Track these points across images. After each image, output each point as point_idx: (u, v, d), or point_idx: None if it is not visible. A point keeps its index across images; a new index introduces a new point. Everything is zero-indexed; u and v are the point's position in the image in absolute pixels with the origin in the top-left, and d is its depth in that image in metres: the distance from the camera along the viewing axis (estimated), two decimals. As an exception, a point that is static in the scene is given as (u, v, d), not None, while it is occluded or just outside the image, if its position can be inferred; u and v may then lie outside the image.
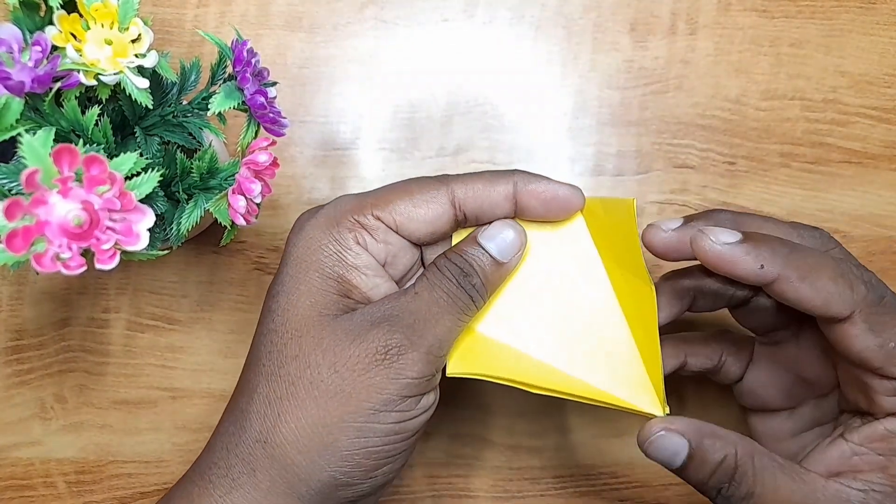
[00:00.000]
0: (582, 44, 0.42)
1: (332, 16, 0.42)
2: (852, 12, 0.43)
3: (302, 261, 0.30)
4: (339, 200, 0.31)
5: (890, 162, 0.42)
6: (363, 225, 0.30)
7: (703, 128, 0.42)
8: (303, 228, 0.30)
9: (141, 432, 0.41)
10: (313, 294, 0.29)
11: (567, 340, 0.30)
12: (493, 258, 0.30)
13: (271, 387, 0.28)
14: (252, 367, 0.30)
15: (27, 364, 0.41)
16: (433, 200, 0.30)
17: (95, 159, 0.24)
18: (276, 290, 0.30)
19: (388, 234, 0.30)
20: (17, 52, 0.26)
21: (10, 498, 0.40)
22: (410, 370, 0.28)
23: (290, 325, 0.29)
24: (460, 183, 0.30)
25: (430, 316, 0.28)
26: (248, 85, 0.30)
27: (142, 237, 0.25)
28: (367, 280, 0.30)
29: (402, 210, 0.30)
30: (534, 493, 0.41)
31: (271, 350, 0.29)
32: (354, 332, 0.28)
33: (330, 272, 0.29)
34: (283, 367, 0.28)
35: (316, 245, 0.30)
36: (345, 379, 0.27)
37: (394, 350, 0.28)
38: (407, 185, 0.31)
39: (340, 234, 0.30)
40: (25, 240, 0.22)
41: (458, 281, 0.29)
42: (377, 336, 0.28)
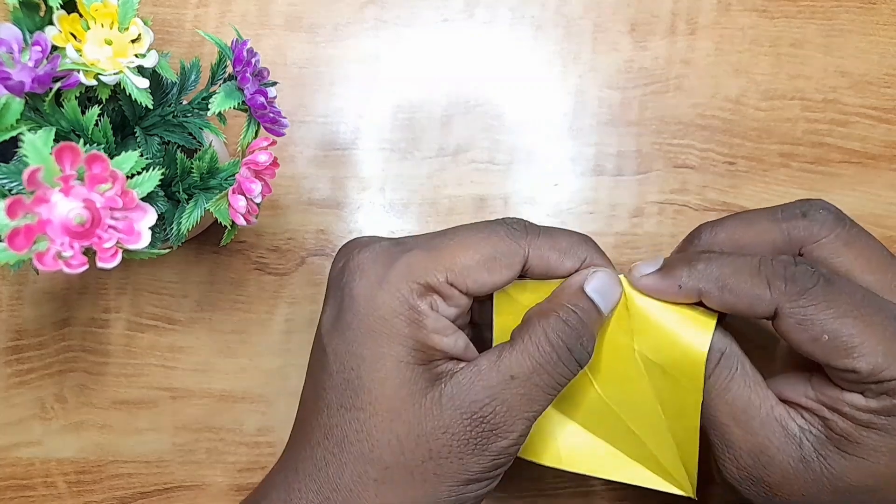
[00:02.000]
0: (582, 44, 0.43)
1: (332, 16, 0.42)
2: (852, 12, 0.43)
3: (379, 333, 0.28)
4: (409, 258, 0.29)
5: (890, 162, 0.42)
6: (437, 290, 0.29)
7: (703, 128, 0.42)
8: (373, 296, 0.28)
9: (141, 432, 0.41)
10: (400, 370, 0.28)
11: (605, 421, 0.31)
12: (599, 311, 0.29)
13: (364, 468, 0.28)
14: (335, 441, 0.29)
15: (27, 364, 0.41)
16: (508, 268, 0.29)
17: (97, 158, 0.24)
18: (353, 362, 0.28)
19: (460, 298, 0.29)
20: (17, 52, 0.26)
21: (10, 498, 0.40)
22: (500, 456, 0.28)
23: (380, 407, 0.28)
24: (535, 249, 0.29)
25: (527, 403, 0.28)
26: (248, 85, 0.30)
27: (143, 236, 0.25)
28: (445, 341, 0.29)
29: (476, 277, 0.29)
30: (534, 493, 0.41)
31: (359, 430, 0.28)
32: (444, 420, 0.28)
33: (412, 343, 0.28)
34: (375, 451, 0.28)
35: (392, 315, 0.28)
36: (440, 465, 0.28)
37: (484, 441, 0.28)
38: (481, 243, 0.29)
39: (415, 300, 0.28)
40: (27, 238, 0.22)
41: (569, 347, 0.28)
42: (466, 428, 0.27)
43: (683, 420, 0.30)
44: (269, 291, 0.41)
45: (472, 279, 0.28)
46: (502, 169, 0.42)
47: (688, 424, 0.30)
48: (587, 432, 0.32)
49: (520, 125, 0.42)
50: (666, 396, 0.30)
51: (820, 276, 0.27)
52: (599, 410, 0.31)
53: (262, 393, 0.41)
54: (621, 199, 0.42)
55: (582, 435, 0.32)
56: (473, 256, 0.28)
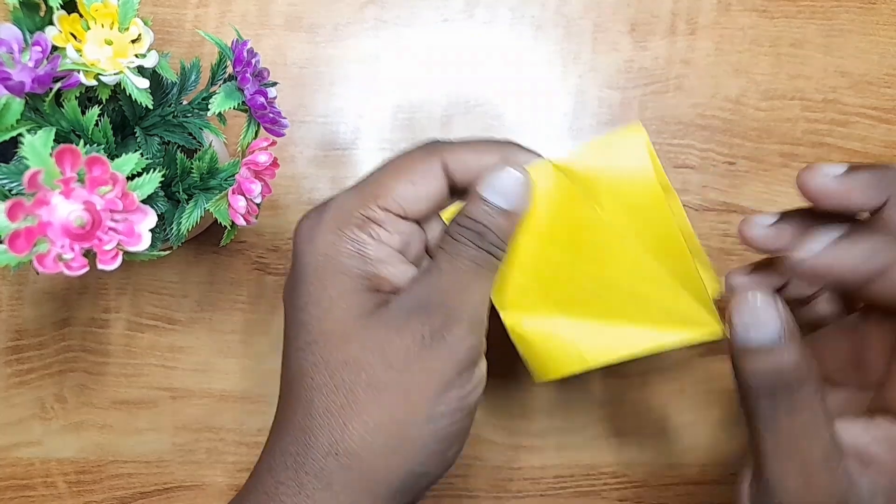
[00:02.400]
0: (582, 44, 0.42)
1: (332, 16, 0.42)
2: (852, 12, 0.43)
3: (322, 268, 0.29)
4: (338, 200, 0.30)
5: (890, 162, 0.42)
6: (373, 219, 0.29)
7: (703, 128, 0.42)
8: (313, 237, 0.29)
9: (141, 432, 0.41)
10: (345, 297, 0.28)
11: (609, 301, 0.30)
12: (502, 209, 0.29)
13: (329, 398, 0.28)
14: (298, 383, 0.29)
15: (27, 364, 0.40)
16: (429, 174, 0.30)
17: (97, 160, 0.24)
18: (301, 301, 0.29)
19: (398, 222, 0.30)
20: (17, 53, 0.26)
21: (10, 498, 0.40)
22: (459, 344, 0.28)
23: (331, 333, 0.28)
24: (450, 152, 0.30)
25: (461, 287, 0.28)
26: (249, 85, 0.30)
27: (144, 237, 0.25)
28: (393, 270, 0.29)
29: (403, 194, 0.29)
30: (534, 493, 0.41)
31: (316, 362, 0.28)
32: (395, 324, 0.28)
33: (356, 271, 0.29)
34: (336, 376, 0.28)
35: (333, 249, 0.29)
36: (400, 372, 0.27)
37: (437, 331, 0.27)
38: (400, 165, 0.30)
39: (353, 232, 0.29)
40: (28, 240, 0.22)
41: (476, 244, 0.28)
42: (417, 323, 0.28)
43: (674, 257, 0.29)
44: (269, 291, 0.41)
45: (400, 195, 0.29)
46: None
47: (679, 258, 0.29)
48: (599, 322, 0.31)
49: (520, 125, 0.42)
50: (650, 245, 0.30)
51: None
52: (602, 294, 0.31)
53: (262, 393, 0.41)
54: (621, 199, 0.42)
55: (595, 326, 0.31)
56: (394, 176, 0.30)
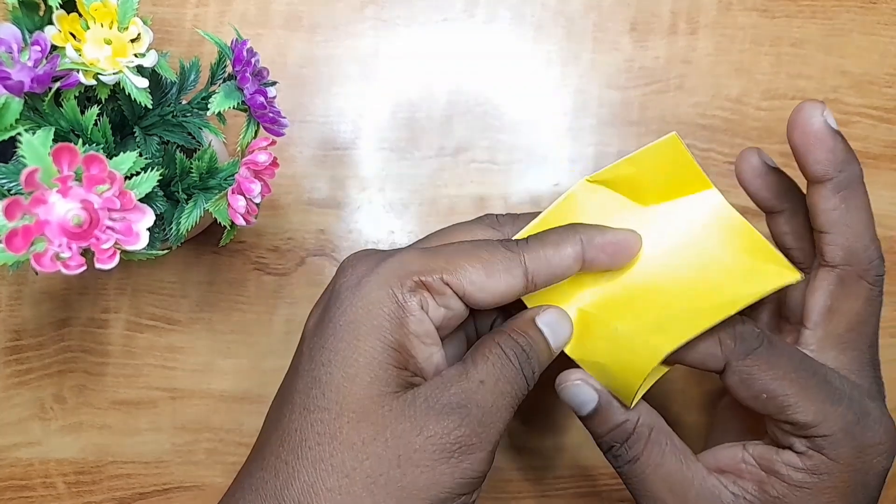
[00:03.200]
0: (582, 44, 0.42)
1: (332, 15, 0.42)
2: (853, 12, 0.43)
3: (360, 325, 0.27)
4: (403, 256, 0.28)
5: (891, 162, 0.42)
6: (429, 286, 0.28)
7: (704, 127, 0.42)
8: (361, 284, 0.27)
9: (140, 432, 0.41)
10: (373, 368, 0.26)
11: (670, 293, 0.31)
12: (549, 346, 0.29)
13: (319, 476, 0.25)
14: (291, 446, 0.26)
15: (26, 364, 0.40)
16: (508, 273, 0.28)
17: (95, 158, 0.23)
18: (326, 356, 0.27)
19: (452, 299, 0.28)
20: (16, 52, 0.26)
21: (9, 498, 0.40)
22: (475, 470, 0.26)
23: (347, 406, 0.26)
24: (531, 252, 0.29)
25: (496, 410, 0.27)
26: (248, 85, 0.30)
27: (141, 237, 0.25)
28: (424, 350, 0.28)
29: (473, 279, 0.28)
30: (534, 493, 0.41)
31: (321, 431, 0.26)
32: (419, 420, 0.26)
33: (391, 341, 0.27)
34: (337, 456, 0.25)
35: (377, 308, 0.27)
36: (407, 475, 0.25)
37: (464, 448, 0.26)
38: (477, 251, 0.28)
39: (404, 295, 0.27)
40: (25, 239, 0.22)
41: (522, 367, 0.28)
42: (446, 428, 0.26)
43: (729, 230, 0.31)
44: (269, 291, 0.41)
45: (469, 280, 0.28)
46: (502, 169, 0.42)
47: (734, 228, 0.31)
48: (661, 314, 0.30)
49: (520, 125, 0.42)
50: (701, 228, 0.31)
51: (764, 338, 0.28)
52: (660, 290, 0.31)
53: (261, 393, 0.41)
54: (622, 199, 0.42)
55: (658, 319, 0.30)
56: (470, 259, 0.28)
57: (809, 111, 0.29)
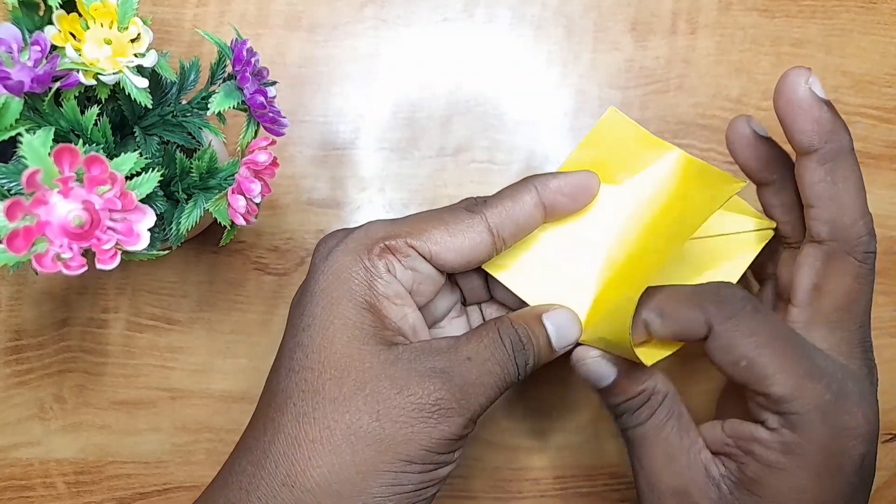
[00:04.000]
0: (582, 43, 0.42)
1: (331, 15, 0.42)
2: (853, 12, 0.43)
3: (331, 291, 0.28)
4: (369, 226, 0.30)
5: (891, 162, 0.42)
6: (394, 250, 0.29)
7: (704, 127, 0.42)
8: (331, 254, 0.29)
9: (140, 432, 0.41)
10: (350, 328, 0.28)
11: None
12: (551, 345, 0.30)
13: (302, 428, 0.27)
14: (276, 403, 0.28)
15: (26, 364, 0.40)
16: (470, 229, 0.29)
17: (96, 159, 0.23)
18: (305, 321, 0.28)
19: (418, 261, 0.29)
20: (16, 52, 0.26)
21: (9, 498, 0.40)
22: (452, 433, 0.27)
23: (329, 363, 0.27)
24: (491, 208, 0.30)
25: (480, 385, 0.28)
26: (248, 84, 0.30)
27: (142, 237, 0.25)
28: (396, 310, 0.29)
29: (437, 239, 0.29)
30: (534, 493, 0.41)
31: (305, 389, 0.27)
32: (402, 379, 0.27)
33: (362, 302, 0.28)
34: (319, 409, 0.27)
35: (346, 273, 0.28)
36: (385, 428, 0.26)
37: (442, 410, 0.27)
38: (439, 214, 0.30)
39: (371, 260, 0.28)
40: (26, 240, 0.22)
41: (515, 357, 0.29)
42: (427, 390, 0.27)
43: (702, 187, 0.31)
44: (269, 291, 0.41)
45: (434, 240, 0.29)
46: (502, 169, 0.42)
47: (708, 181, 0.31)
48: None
49: (520, 125, 0.42)
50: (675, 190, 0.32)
51: (748, 302, 0.28)
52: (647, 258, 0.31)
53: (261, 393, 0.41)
54: (622, 199, 0.42)
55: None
56: (432, 222, 0.29)
57: (794, 79, 0.28)
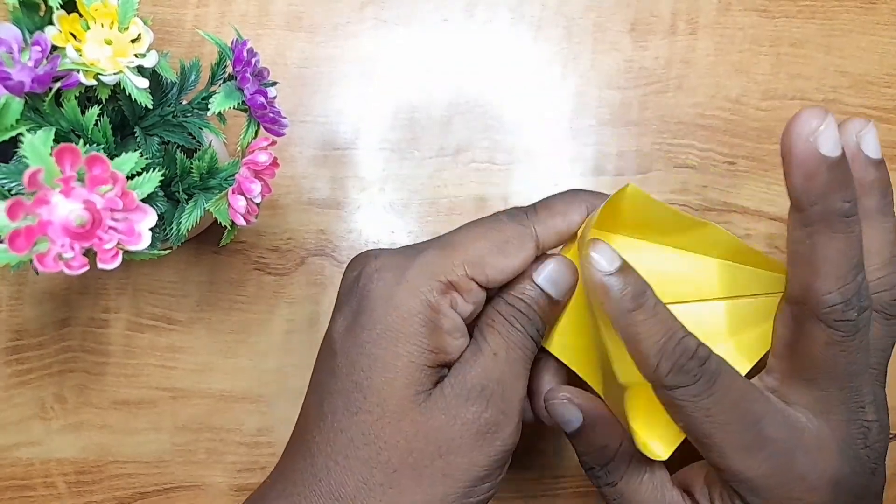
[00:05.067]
0: (582, 44, 0.42)
1: (332, 16, 0.42)
2: (852, 12, 0.43)
3: (397, 332, 0.28)
4: (425, 258, 0.29)
5: (890, 162, 0.42)
6: (457, 287, 0.29)
7: (704, 128, 0.42)
8: (393, 294, 0.28)
9: (141, 432, 0.41)
10: (410, 371, 0.28)
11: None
12: (550, 297, 0.29)
13: (371, 473, 0.27)
14: (339, 447, 0.28)
15: (27, 364, 0.40)
16: (524, 248, 0.29)
17: (97, 159, 0.24)
18: (365, 362, 0.28)
19: (478, 293, 0.29)
20: (16, 52, 0.26)
21: (10, 498, 0.40)
22: (506, 443, 0.28)
23: (388, 408, 0.27)
24: (540, 222, 0.30)
25: (514, 379, 0.28)
26: (248, 85, 0.30)
27: (144, 237, 0.25)
28: (455, 343, 0.29)
29: (495, 265, 0.29)
30: (534, 494, 0.41)
31: (366, 433, 0.27)
32: (452, 410, 0.27)
33: (427, 344, 0.28)
34: (383, 454, 0.27)
35: (412, 315, 0.28)
36: (449, 463, 0.27)
37: (492, 428, 0.28)
38: (490, 233, 0.29)
39: (436, 299, 0.28)
40: (28, 240, 0.22)
41: (527, 330, 0.29)
42: (475, 413, 0.27)
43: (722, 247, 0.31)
44: (269, 291, 0.41)
45: (490, 266, 0.29)
46: (502, 169, 0.42)
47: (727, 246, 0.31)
48: None
49: (520, 125, 0.42)
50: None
51: (700, 376, 0.26)
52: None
53: (262, 393, 0.41)
54: (621, 199, 0.42)
55: None
56: (486, 245, 0.29)
57: (802, 125, 0.25)
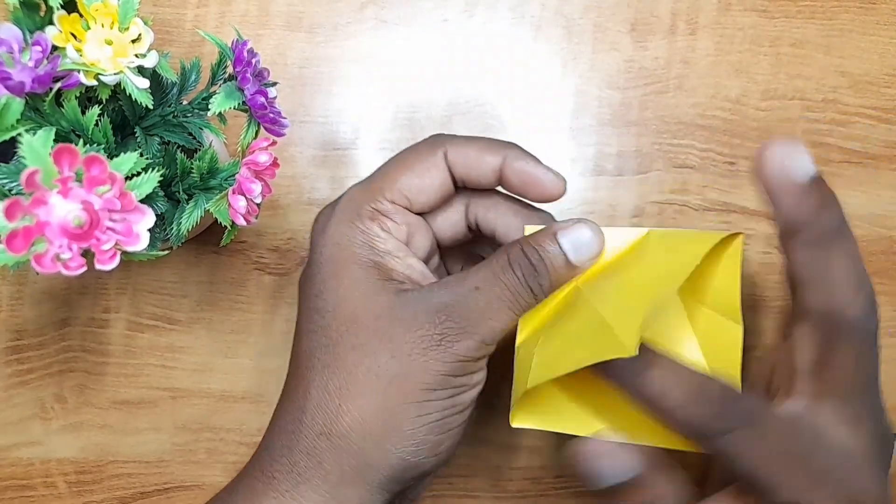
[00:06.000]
0: (582, 44, 0.42)
1: (332, 16, 0.42)
2: (852, 12, 0.43)
3: (336, 258, 0.30)
4: (349, 193, 0.32)
5: (890, 162, 0.42)
6: (381, 211, 0.31)
7: (704, 128, 0.42)
8: (326, 228, 0.31)
9: (141, 432, 0.41)
10: (359, 285, 0.29)
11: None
12: (568, 260, 0.29)
13: (329, 378, 0.29)
14: (303, 364, 0.30)
15: (27, 364, 0.41)
16: (433, 167, 0.31)
17: (95, 159, 0.24)
18: (317, 289, 0.30)
19: (405, 214, 0.31)
20: (17, 52, 0.26)
21: (10, 498, 0.40)
22: (464, 355, 0.28)
23: (344, 318, 0.29)
24: (452, 145, 0.31)
25: (489, 311, 0.28)
26: (249, 85, 0.30)
27: (142, 237, 0.25)
28: (400, 262, 0.30)
29: (408, 185, 0.31)
30: (534, 493, 0.41)
31: (326, 344, 0.29)
32: (410, 318, 0.28)
33: (367, 261, 0.30)
34: (340, 359, 0.29)
35: (346, 240, 0.30)
36: (402, 363, 0.28)
37: (449, 337, 0.28)
38: (404, 158, 0.32)
39: (364, 223, 0.30)
40: (26, 240, 0.22)
41: (527, 279, 0.29)
42: (433, 323, 0.28)
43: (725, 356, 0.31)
44: (269, 291, 0.41)
45: (406, 187, 0.31)
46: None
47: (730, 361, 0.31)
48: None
49: (520, 125, 0.42)
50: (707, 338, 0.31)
51: (745, 418, 0.26)
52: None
53: (262, 393, 0.41)
54: (621, 199, 0.42)
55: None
56: (400, 169, 0.31)
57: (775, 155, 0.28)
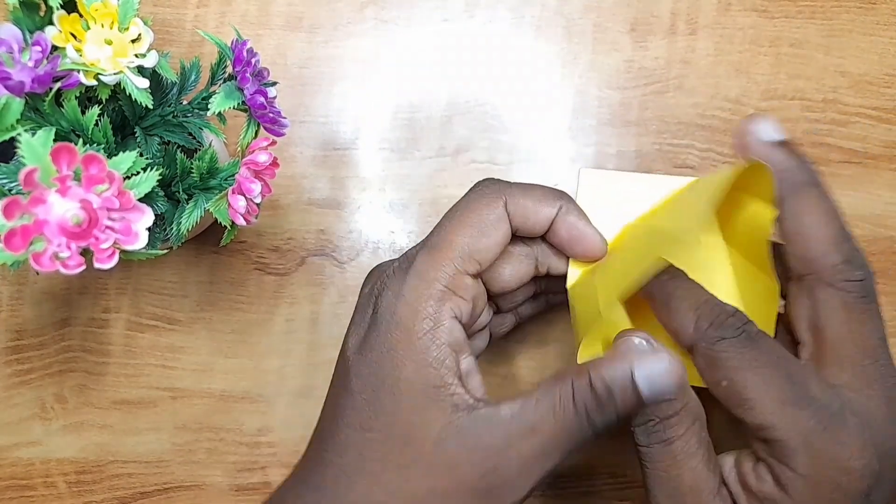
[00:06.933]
0: (582, 44, 0.42)
1: (332, 16, 0.42)
2: (852, 12, 0.43)
3: (397, 351, 0.28)
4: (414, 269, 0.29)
5: (890, 162, 0.42)
6: (453, 289, 0.29)
7: (704, 128, 0.42)
8: (394, 313, 0.29)
9: (141, 432, 0.41)
10: (414, 395, 0.28)
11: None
12: (640, 398, 0.27)
13: (371, 489, 0.28)
14: (348, 460, 0.28)
15: (27, 364, 0.41)
16: (497, 222, 0.30)
17: (94, 158, 0.24)
18: (373, 383, 0.28)
19: (472, 286, 0.30)
20: (17, 52, 0.26)
21: (10, 498, 0.40)
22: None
23: (394, 431, 0.28)
24: (511, 196, 0.30)
25: (543, 455, 0.27)
26: (248, 85, 0.30)
27: (140, 236, 0.25)
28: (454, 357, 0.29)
29: (476, 248, 0.29)
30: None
31: (374, 449, 0.28)
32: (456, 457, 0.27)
33: (426, 362, 0.28)
34: (385, 475, 0.28)
35: (410, 333, 0.28)
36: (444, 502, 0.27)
37: (494, 493, 0.27)
38: (466, 216, 0.30)
39: (435, 309, 0.28)
40: (24, 239, 0.22)
41: (589, 416, 0.27)
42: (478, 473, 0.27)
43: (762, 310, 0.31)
44: (269, 291, 0.41)
45: (476, 251, 0.29)
46: (502, 169, 0.42)
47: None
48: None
49: (520, 125, 0.42)
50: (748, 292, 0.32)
51: (743, 331, 0.27)
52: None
53: (262, 393, 0.41)
54: (621, 199, 0.42)
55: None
56: (465, 229, 0.29)
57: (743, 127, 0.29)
